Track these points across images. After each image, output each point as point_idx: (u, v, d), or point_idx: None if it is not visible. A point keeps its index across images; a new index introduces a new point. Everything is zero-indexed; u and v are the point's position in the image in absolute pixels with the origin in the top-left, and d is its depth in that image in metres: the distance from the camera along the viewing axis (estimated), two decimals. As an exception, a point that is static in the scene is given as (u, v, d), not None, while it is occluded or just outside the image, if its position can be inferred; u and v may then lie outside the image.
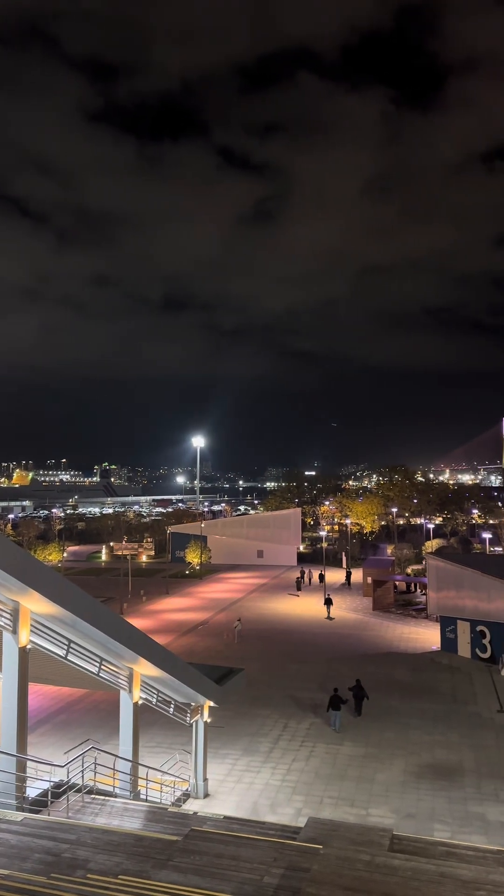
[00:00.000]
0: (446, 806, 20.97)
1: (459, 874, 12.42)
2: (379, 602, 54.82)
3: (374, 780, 22.73)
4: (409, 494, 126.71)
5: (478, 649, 37.71)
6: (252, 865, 13.89)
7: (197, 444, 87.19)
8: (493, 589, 36.60)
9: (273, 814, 20.39)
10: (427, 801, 21.26)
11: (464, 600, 38.76)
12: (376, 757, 24.62)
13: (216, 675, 21.84)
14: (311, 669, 36.17)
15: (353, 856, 13.35)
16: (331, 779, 22.92)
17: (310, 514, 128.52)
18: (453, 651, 39.14)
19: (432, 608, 43.34)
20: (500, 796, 21.53)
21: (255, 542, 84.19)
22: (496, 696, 31.54)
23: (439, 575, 41.46)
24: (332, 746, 25.62)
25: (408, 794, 21.73)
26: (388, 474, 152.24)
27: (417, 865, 12.89)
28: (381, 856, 13.49)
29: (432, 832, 19.22)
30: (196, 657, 37.44)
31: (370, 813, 20.53)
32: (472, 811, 20.64)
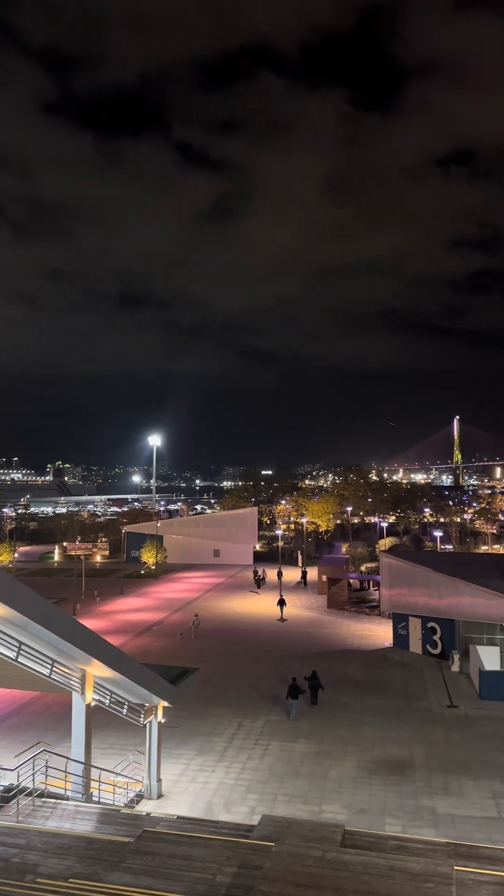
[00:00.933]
0: (397, 800, 21.30)
1: (409, 867, 12.65)
2: (333, 600, 55.33)
3: (327, 777, 22.95)
4: (364, 493, 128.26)
5: (429, 645, 38.38)
6: (205, 865, 13.91)
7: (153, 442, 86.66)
8: (444, 586, 37.29)
9: (227, 813, 20.42)
10: (379, 797, 21.56)
11: (416, 597, 39.40)
12: (330, 754, 24.86)
13: (171, 676, 21.76)
14: (266, 668, 36.31)
15: (304, 852, 13.48)
16: (285, 776, 23.05)
17: (266, 514, 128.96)
18: (405, 647, 39.76)
19: (385, 605, 43.93)
20: (450, 790, 21.97)
21: (212, 541, 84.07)
22: (446, 691, 32.16)
23: (392, 573, 42.05)
24: (286, 744, 25.77)
25: (360, 790, 22.00)
26: (343, 474, 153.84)
27: (368, 860, 13.08)
28: (332, 851, 13.66)
29: (384, 827, 19.50)
30: (151, 658, 37.23)
31: (323, 809, 20.72)
32: (422, 805, 21.01)
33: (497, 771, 23.30)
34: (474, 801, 21.15)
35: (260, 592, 61.73)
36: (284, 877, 12.38)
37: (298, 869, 12.69)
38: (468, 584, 35.64)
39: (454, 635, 36.67)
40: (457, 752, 24.91)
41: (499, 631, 35.05)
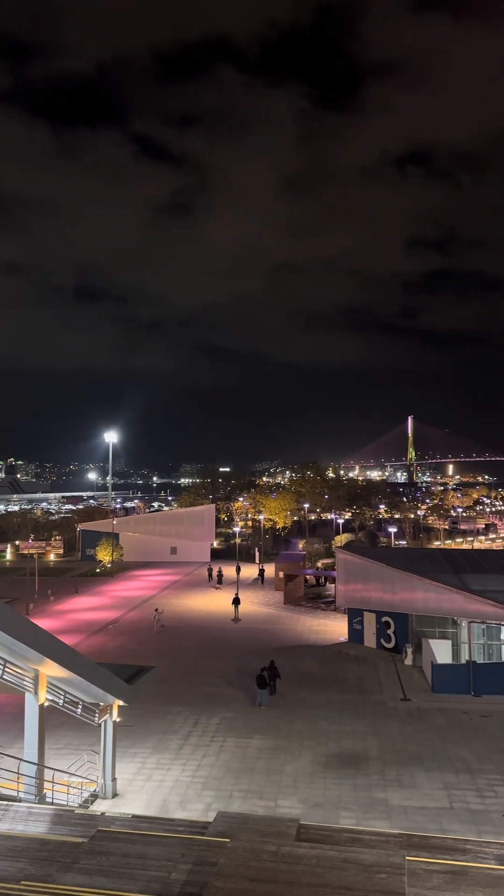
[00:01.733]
0: (352, 793, 21.57)
1: (362, 859, 12.82)
2: (290, 596, 55.70)
3: (282, 772, 23.10)
4: (321, 490, 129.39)
5: (383, 640, 38.94)
6: (160, 863, 13.87)
7: (109, 439, 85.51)
8: (398, 581, 37.86)
9: (183, 810, 20.40)
10: (334, 790, 21.80)
11: (370, 592, 39.91)
12: (285, 749, 25.02)
13: (126, 675, 21.61)
14: (223, 665, 36.34)
15: (259, 847, 13.54)
16: (241, 772, 23.13)
17: (224, 511, 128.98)
18: (360, 642, 40.26)
19: (340, 601, 44.40)
20: (403, 782, 22.34)
21: (169, 538, 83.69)
22: (400, 684, 32.67)
23: (347, 568, 42.49)
24: (242, 740, 25.85)
25: (315, 784, 22.21)
26: (300, 471, 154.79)
27: (322, 853, 13.21)
28: (287, 845, 13.75)
29: (338, 820, 19.73)
30: (106, 657, 36.91)
31: (279, 804, 20.86)
32: (376, 797, 21.32)
33: (449, 762, 23.79)
34: (427, 793, 21.56)
35: (221, 588, 61.89)
36: (239, 872, 12.42)
37: (253, 864, 12.74)
38: (421, 579, 36.26)
39: (407, 629, 37.28)
40: (410, 745, 25.34)
41: (451, 625, 35.77)
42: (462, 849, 15.78)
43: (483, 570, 38.28)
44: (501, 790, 21.69)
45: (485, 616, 32.93)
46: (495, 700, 29.97)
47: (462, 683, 31.17)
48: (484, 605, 32.56)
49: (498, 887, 12.76)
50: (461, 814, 20.20)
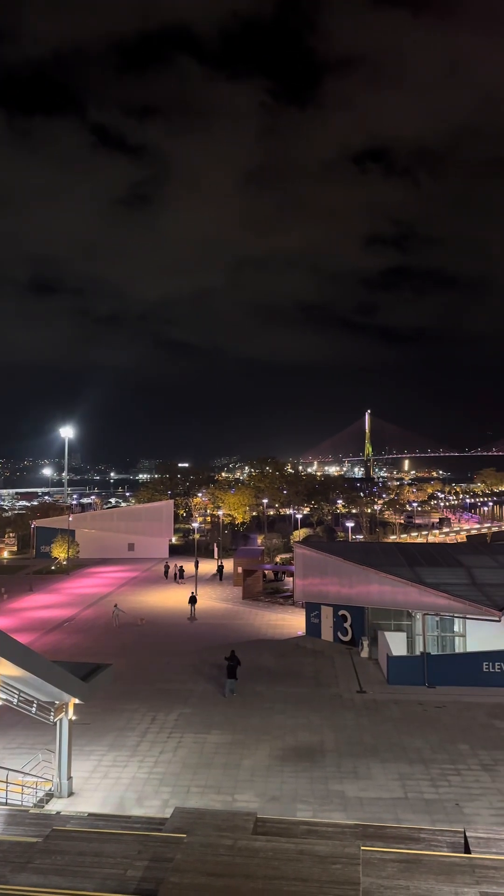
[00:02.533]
0: (308, 786, 21.75)
1: (317, 850, 12.93)
2: (248, 591, 55.83)
3: (240, 767, 23.16)
4: (280, 486, 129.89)
5: (339, 633, 39.34)
6: (115, 860, 13.78)
7: (65, 434, 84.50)
8: (354, 575, 38.27)
9: (140, 807, 20.30)
10: (290, 783, 21.94)
11: (327, 586, 40.26)
12: (243, 743, 25.10)
13: (82, 672, 21.39)
14: (181, 661, 36.25)
15: (216, 842, 13.54)
16: (198, 768, 23.11)
17: (183, 506, 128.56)
18: (317, 636, 40.60)
19: (298, 595, 44.68)
20: (359, 773, 22.61)
21: (126, 535, 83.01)
22: (356, 677, 33.05)
23: (305, 563, 42.78)
24: (199, 736, 25.83)
25: (272, 778, 22.33)
26: (259, 466, 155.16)
27: (278, 846, 13.28)
28: (243, 839, 13.78)
29: (295, 812, 19.88)
30: (62, 655, 36.47)
31: (236, 798, 20.91)
32: (332, 789, 21.53)
33: (403, 753, 24.17)
34: (382, 784, 21.86)
35: (184, 582, 61.82)
36: (195, 867, 12.41)
37: (209, 858, 12.74)
38: (377, 573, 36.71)
39: (364, 622, 37.73)
40: (365, 737, 25.66)
41: (406, 617, 36.32)
42: (416, 837, 16.06)
43: (437, 564, 38.94)
44: (455, 779, 22.13)
45: (438, 608, 33.51)
46: (449, 691, 30.55)
47: (416, 675, 31.69)
48: (438, 598, 33.14)
49: (451, 874, 13.02)
50: (415, 803, 20.54)
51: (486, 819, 19.42)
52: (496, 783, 21.78)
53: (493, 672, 31.45)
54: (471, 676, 31.45)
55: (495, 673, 31.43)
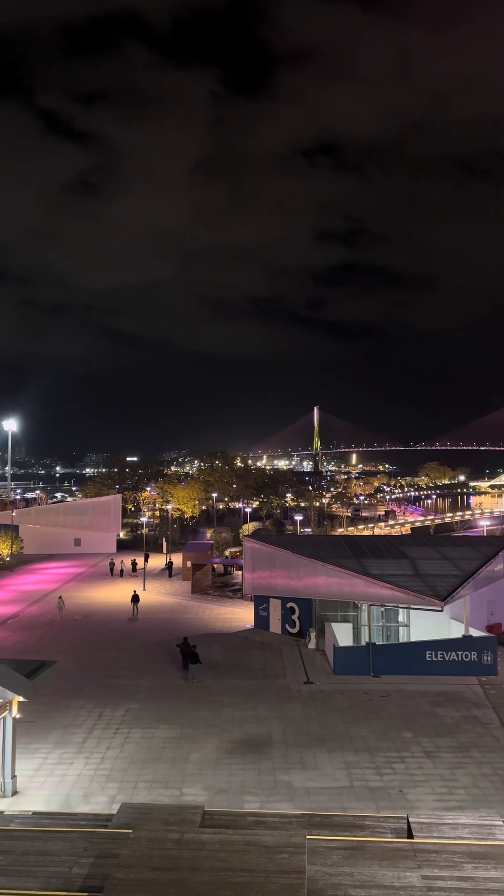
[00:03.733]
0: (256, 777, 21.89)
1: (264, 841, 13.05)
2: (197, 585, 55.78)
3: (188, 760, 23.15)
4: (229, 480, 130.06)
5: (288, 625, 39.66)
6: (61, 858, 13.64)
7: (8, 427, 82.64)
8: (303, 567, 38.59)
9: (86, 804, 20.09)
10: (238, 775, 22.04)
11: (276, 579, 40.51)
12: (191, 737, 25.08)
13: (26, 670, 21.01)
14: (128, 656, 35.99)
15: (163, 836, 13.54)
16: (146, 763, 23.00)
17: (131, 501, 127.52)
18: (266, 628, 40.85)
19: (247, 588, 44.86)
20: (306, 763, 22.86)
21: (73, 530, 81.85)
22: (303, 668, 33.38)
23: (254, 556, 42.93)
24: (147, 731, 25.71)
25: (220, 770, 22.39)
26: (209, 460, 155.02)
27: (225, 837, 13.36)
28: (190, 832, 13.82)
29: (243, 804, 19.98)
30: (6, 653, 35.80)
31: (184, 792, 20.90)
32: (279, 780, 21.72)
33: (349, 742, 24.54)
34: (328, 773, 22.15)
35: (137, 574, 61.41)
36: (142, 862, 12.39)
37: (156, 853, 12.73)
38: (325, 565, 37.11)
39: (311, 614, 38.12)
40: (312, 727, 25.95)
41: (352, 608, 36.85)
42: (361, 825, 16.37)
43: (382, 556, 39.59)
44: (399, 767, 22.58)
45: (383, 599, 34.10)
46: (393, 679, 31.15)
47: (362, 665, 32.20)
48: (382, 589, 33.70)
49: (394, 859, 13.31)
50: (361, 791, 20.89)
51: (428, 804, 19.88)
52: (438, 769, 22.32)
53: (436, 661, 32.20)
54: (414, 665, 32.13)
55: (438, 662, 32.18)
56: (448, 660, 32.23)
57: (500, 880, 12.45)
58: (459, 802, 20.11)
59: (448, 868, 12.92)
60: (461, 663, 32.16)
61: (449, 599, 31.75)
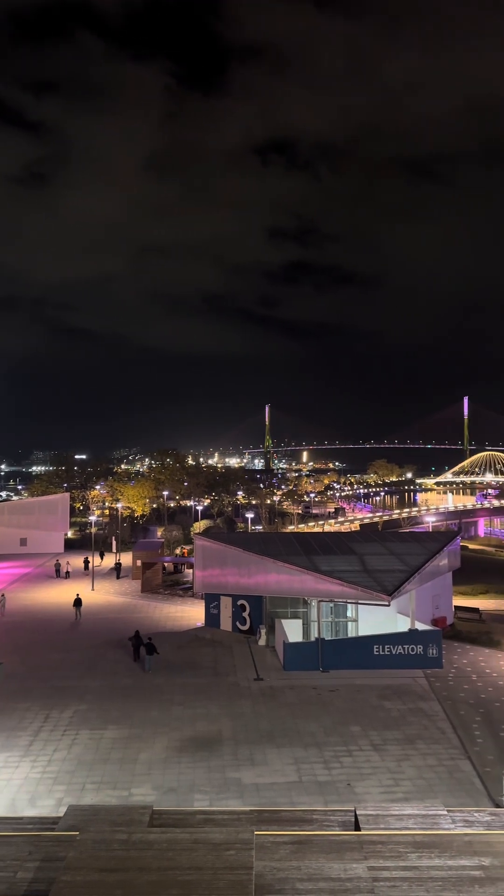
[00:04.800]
0: (206, 775, 21.89)
1: (212, 838, 13.04)
2: (148, 584, 55.38)
3: (137, 761, 23.00)
4: (180, 478, 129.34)
5: (238, 622, 39.75)
6: (5, 863, 13.37)
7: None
8: (253, 564, 38.72)
9: (33, 807, 19.78)
10: (188, 774, 22.01)
11: (227, 577, 40.53)
12: (140, 737, 24.92)
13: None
14: (76, 657, 35.51)
15: (110, 837, 13.39)
16: (94, 764, 22.77)
17: (80, 499, 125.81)
18: (216, 626, 40.85)
19: (198, 586, 44.74)
20: (255, 760, 22.97)
21: (18, 529, 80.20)
22: (253, 665, 33.52)
23: (205, 554, 42.87)
24: (95, 732, 25.44)
25: (170, 769, 22.32)
26: (159, 458, 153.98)
27: (173, 836, 13.29)
28: (138, 833, 13.70)
29: (192, 803, 19.97)
30: (-50, 654, 34.88)
31: (133, 793, 20.77)
32: (229, 777, 21.77)
33: (298, 737, 24.75)
34: (277, 769, 22.31)
35: (88, 572, 60.47)
36: (88, 864, 12.23)
37: (103, 854, 12.59)
38: (275, 562, 37.30)
39: (262, 611, 38.30)
40: (262, 723, 26.09)
41: (302, 604, 37.15)
42: (309, 819, 16.50)
43: (332, 552, 39.99)
44: (347, 761, 22.89)
45: (333, 595, 34.47)
46: (341, 674, 31.54)
47: (311, 660, 32.51)
48: (332, 585, 34.07)
49: (340, 851, 13.46)
50: (309, 786, 21.10)
51: (375, 797, 20.21)
52: (385, 762, 22.71)
53: (384, 655, 32.73)
54: (363, 660, 32.60)
55: (385, 655, 32.71)
56: (395, 653, 32.81)
57: (442, 868, 12.73)
58: (405, 794, 20.51)
59: (393, 858, 13.14)
60: (408, 656, 32.77)
61: (396, 594, 32.29)
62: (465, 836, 14.12)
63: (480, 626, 42.02)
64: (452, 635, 38.83)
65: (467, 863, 12.89)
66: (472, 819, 16.00)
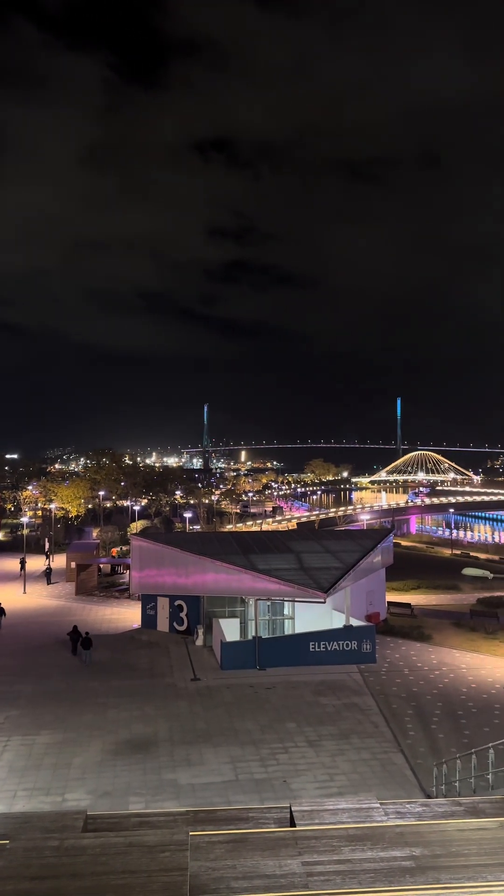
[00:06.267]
0: (141, 778, 21.69)
1: (146, 841, 12.91)
2: (82, 586, 54.45)
3: (71, 765, 22.60)
4: (117, 478, 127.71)
5: (176, 623, 39.53)
6: None
7: None
8: (191, 564, 38.57)
9: (-40, 818, 19.13)
10: (123, 777, 21.76)
11: (164, 577, 40.23)
12: (74, 741, 24.49)
13: None
14: (8, 662, 34.62)
15: (42, 844, 13.10)
16: (26, 771, 22.24)
17: (10, 500, 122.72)
18: (153, 627, 40.52)
19: (135, 587, 44.29)
20: (192, 760, 22.89)
21: None
22: (190, 665, 33.39)
23: (142, 555, 42.45)
24: (27, 738, 24.86)
25: (105, 773, 22.01)
26: (95, 457, 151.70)
27: (107, 840, 13.10)
28: (71, 839, 13.45)
29: (128, 805, 19.76)
30: None
31: (66, 798, 20.39)
32: (165, 779, 21.62)
33: (235, 736, 24.79)
34: (214, 768, 22.29)
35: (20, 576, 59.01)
36: (19, 873, 11.93)
37: (34, 862, 12.30)
38: (213, 561, 37.26)
39: (199, 611, 38.20)
40: (198, 723, 26.02)
41: (239, 603, 37.23)
42: (245, 817, 16.55)
43: (269, 551, 40.23)
44: (283, 757, 23.06)
45: (270, 593, 34.69)
46: (278, 672, 31.76)
47: (248, 659, 32.62)
48: (269, 583, 34.27)
49: (275, 848, 13.54)
50: (246, 784, 21.16)
51: (311, 792, 20.43)
52: (320, 757, 22.98)
53: (319, 651, 33.14)
54: (299, 657, 32.93)
55: (321, 652, 33.12)
56: (330, 650, 33.26)
57: (374, 860, 12.96)
58: (340, 788, 20.80)
59: (327, 853, 13.30)
60: (342, 652, 33.27)
61: (331, 591, 32.73)
62: (397, 827, 14.43)
63: (412, 621, 43.04)
64: (386, 630, 39.66)
65: (399, 854, 13.16)
66: (405, 810, 16.36)
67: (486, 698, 28.65)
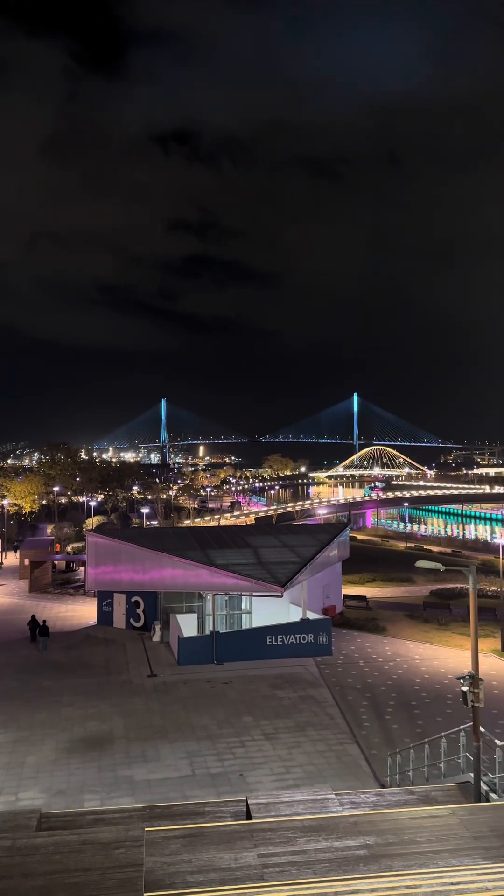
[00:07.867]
0: (96, 775, 21.50)
1: (101, 838, 12.80)
2: (36, 583, 53.65)
3: (24, 764, 22.27)
4: (72, 473, 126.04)
5: (132, 619, 39.24)
6: None
7: None
8: (148, 560, 38.32)
9: None
10: (78, 775, 21.54)
11: (121, 574, 39.87)
12: (27, 740, 24.14)
13: None
14: (-40, 660, 33.92)
15: (-7, 845, 12.89)
16: (-22, 771, 21.83)
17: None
18: (109, 624, 40.16)
19: (90, 584, 43.79)
20: (147, 756, 22.78)
21: None
22: (147, 662, 33.20)
23: (98, 551, 41.98)
24: (-20, 737, 24.40)
25: (59, 772, 21.76)
26: (50, 453, 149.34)
27: (61, 839, 12.96)
28: (24, 838, 13.26)
29: (83, 803, 19.55)
30: None
31: (20, 797, 20.10)
32: (120, 775, 21.48)
33: (191, 731, 24.75)
34: (170, 764, 22.22)
35: None
36: (-31, 875, 11.73)
37: (-14, 864, 12.11)
38: (170, 557, 37.09)
39: (157, 607, 37.98)
40: (155, 719, 25.90)
41: (197, 598, 37.16)
42: (201, 812, 16.56)
43: (227, 546, 40.25)
44: (239, 751, 23.12)
45: (228, 588, 34.71)
46: (235, 666, 31.81)
47: (206, 654, 32.60)
48: (227, 578, 34.28)
49: (231, 841, 13.58)
50: (202, 779, 21.15)
51: (267, 785, 20.53)
52: (276, 750, 23.11)
53: (276, 645, 33.30)
54: (256, 651, 33.03)
55: (278, 645, 33.29)
56: (287, 643, 33.45)
57: (329, 850, 13.11)
58: (296, 780, 20.96)
59: (283, 844, 13.40)
60: (299, 645, 33.50)
61: (288, 585, 32.91)
62: (351, 817, 14.61)
63: (367, 614, 43.60)
64: (341, 623, 40.08)
65: (353, 843, 13.33)
66: (359, 800, 16.59)
67: (439, 689, 29.19)
